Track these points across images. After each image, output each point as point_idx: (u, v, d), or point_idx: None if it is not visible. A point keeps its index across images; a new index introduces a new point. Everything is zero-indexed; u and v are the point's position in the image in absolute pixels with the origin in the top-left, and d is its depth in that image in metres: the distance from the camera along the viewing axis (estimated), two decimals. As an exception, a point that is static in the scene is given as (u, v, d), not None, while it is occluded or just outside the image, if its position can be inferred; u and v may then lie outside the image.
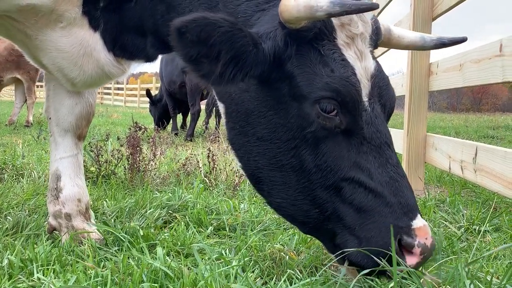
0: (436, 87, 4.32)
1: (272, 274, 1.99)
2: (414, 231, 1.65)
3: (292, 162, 1.75)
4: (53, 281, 1.75)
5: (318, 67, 1.70)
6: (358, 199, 1.69)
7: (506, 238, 2.67)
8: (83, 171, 2.55)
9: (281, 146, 1.76)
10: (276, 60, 1.72)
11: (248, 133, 1.82)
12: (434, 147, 4.27)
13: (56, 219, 2.44)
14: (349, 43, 1.75)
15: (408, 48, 2.13)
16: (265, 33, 1.71)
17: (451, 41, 2.08)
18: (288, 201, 1.79)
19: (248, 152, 1.84)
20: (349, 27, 1.75)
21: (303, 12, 1.60)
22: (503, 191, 2.86)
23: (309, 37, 1.71)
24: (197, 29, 1.54)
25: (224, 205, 3.16)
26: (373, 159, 1.72)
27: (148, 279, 1.73)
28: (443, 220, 3.01)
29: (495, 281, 1.79)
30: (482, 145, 3.28)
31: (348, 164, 1.71)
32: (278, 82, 1.76)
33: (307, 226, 1.83)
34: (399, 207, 1.67)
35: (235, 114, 1.87)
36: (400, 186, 1.71)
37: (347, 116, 1.70)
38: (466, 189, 4.34)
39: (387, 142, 1.75)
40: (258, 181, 1.86)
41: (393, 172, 1.72)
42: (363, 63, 1.75)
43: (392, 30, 2.03)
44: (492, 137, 12.27)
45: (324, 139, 1.71)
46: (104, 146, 4.46)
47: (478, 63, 3.23)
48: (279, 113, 1.75)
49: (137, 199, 3.13)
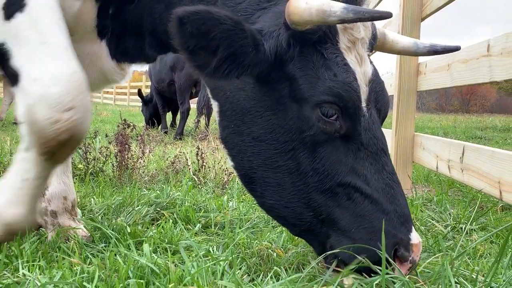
0: (424, 87, 4.34)
1: (259, 271, 1.99)
2: (412, 247, 1.65)
3: (288, 164, 1.73)
4: (38, 277, 1.74)
5: (320, 70, 1.68)
6: (354, 204, 1.68)
7: (491, 237, 2.69)
8: (71, 168, 2.54)
9: (277, 148, 1.74)
10: (277, 60, 1.70)
11: (243, 133, 1.80)
12: (422, 147, 4.30)
13: (42, 216, 2.42)
14: (350, 47, 1.75)
15: (401, 53, 2.14)
16: (268, 32, 1.69)
17: (443, 49, 2.09)
18: (282, 202, 1.78)
19: (242, 152, 1.82)
20: (351, 31, 1.74)
21: (315, 16, 1.58)
22: (489, 190, 2.88)
23: (313, 40, 1.70)
24: (199, 21, 1.52)
25: (212, 203, 3.16)
26: (370, 165, 1.72)
27: (134, 276, 1.72)
28: (430, 218, 3.03)
29: (480, 279, 1.81)
30: (469, 144, 3.30)
31: (346, 169, 1.70)
32: (277, 83, 1.73)
33: (299, 228, 1.82)
34: (395, 216, 1.68)
35: (229, 113, 1.84)
36: (396, 194, 1.72)
37: (347, 121, 1.70)
38: (453, 188, 4.37)
39: (383, 149, 1.76)
40: (251, 181, 1.84)
41: (389, 179, 1.73)
42: (362, 68, 1.75)
43: (387, 34, 2.03)
44: (480, 138, 12.38)
45: (323, 143, 1.70)
46: (92, 143, 4.44)
47: (466, 63, 3.26)
48: (277, 114, 1.73)
49: (125, 197, 3.12)
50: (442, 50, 2.09)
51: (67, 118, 1.73)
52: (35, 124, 1.74)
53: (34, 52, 1.76)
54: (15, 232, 1.90)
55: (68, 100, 1.72)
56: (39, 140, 1.77)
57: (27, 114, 1.76)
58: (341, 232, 1.70)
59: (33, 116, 1.74)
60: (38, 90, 1.73)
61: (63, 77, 1.73)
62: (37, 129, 1.74)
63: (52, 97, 1.72)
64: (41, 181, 1.87)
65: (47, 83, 1.72)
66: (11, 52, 1.80)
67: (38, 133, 1.75)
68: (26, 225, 1.90)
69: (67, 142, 1.78)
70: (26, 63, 1.77)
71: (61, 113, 1.72)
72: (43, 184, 1.90)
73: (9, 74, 1.84)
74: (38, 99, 1.73)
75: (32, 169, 1.84)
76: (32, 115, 1.74)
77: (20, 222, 1.88)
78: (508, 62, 2.66)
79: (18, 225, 1.88)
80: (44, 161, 1.83)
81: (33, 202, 1.89)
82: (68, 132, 1.75)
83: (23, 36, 1.78)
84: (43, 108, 1.72)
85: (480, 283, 1.75)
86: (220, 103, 1.88)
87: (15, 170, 1.87)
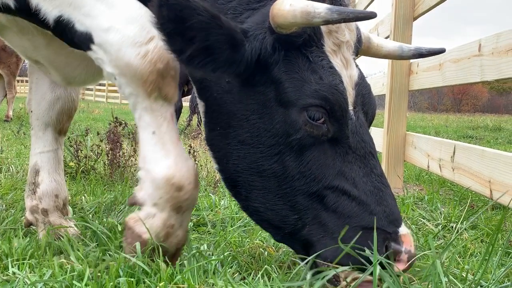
0: (416, 86, 4.36)
1: (250, 269, 1.99)
2: (401, 238, 1.64)
3: (274, 167, 1.71)
4: (28, 276, 1.73)
5: (306, 73, 1.67)
6: (342, 206, 1.67)
7: (482, 235, 2.70)
8: (63, 166, 2.52)
9: (264, 151, 1.72)
10: (261, 63, 1.69)
11: (229, 136, 1.78)
12: (414, 146, 4.32)
13: (32, 214, 2.41)
14: (335, 50, 1.73)
15: (386, 57, 2.11)
16: (254, 34, 1.68)
17: (428, 51, 2.07)
18: (267, 205, 1.75)
19: (228, 155, 1.79)
20: (336, 35, 1.73)
21: (299, 18, 1.57)
22: (480, 189, 2.90)
23: (298, 43, 1.68)
24: (176, 7, 1.52)
25: (204, 201, 3.16)
26: (358, 168, 1.70)
27: (124, 274, 1.71)
28: (421, 217, 3.05)
29: (470, 277, 1.82)
30: (460, 144, 3.32)
31: (333, 173, 1.68)
32: (263, 86, 1.72)
33: (282, 232, 1.79)
34: (384, 215, 1.66)
35: (216, 115, 1.82)
36: (384, 196, 1.70)
37: (334, 124, 1.68)
38: (444, 187, 4.39)
39: (371, 152, 1.74)
40: (236, 184, 1.81)
41: (378, 181, 1.71)
42: (348, 71, 1.74)
43: (372, 38, 2.02)
44: (471, 137, 12.45)
45: (310, 147, 1.69)
46: (84, 141, 4.43)
47: (458, 63, 3.27)
48: (264, 118, 1.72)
49: (116, 195, 3.11)
50: (427, 53, 2.08)
51: (154, 47, 1.72)
52: (130, 66, 1.72)
53: (93, 8, 1.76)
54: (184, 187, 1.77)
55: (145, 32, 1.73)
56: (141, 79, 1.73)
57: (117, 64, 1.74)
58: (329, 234, 1.67)
59: (124, 61, 1.72)
60: (116, 36, 1.73)
61: (131, 16, 1.74)
62: (133, 70, 1.72)
63: (132, 35, 1.72)
64: (166, 124, 1.79)
65: (121, 27, 1.73)
66: (72, 20, 1.79)
67: (136, 74, 1.73)
68: (192, 177, 1.79)
69: (166, 71, 1.75)
70: (91, 21, 1.76)
71: (146, 45, 1.72)
72: (170, 126, 1.80)
73: (79, 40, 1.82)
74: (120, 44, 1.72)
75: (152, 118, 1.79)
76: (123, 60, 1.72)
77: (184, 177, 1.77)
78: (499, 62, 2.68)
79: (185, 181, 1.77)
80: (156, 102, 1.78)
81: (179, 147, 1.80)
82: (161, 60, 1.74)
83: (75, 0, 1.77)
84: (129, 48, 1.72)
85: (470, 281, 1.76)
86: (207, 104, 1.86)
87: (141, 132, 1.82)
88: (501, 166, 2.65)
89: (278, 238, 1.88)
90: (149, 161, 1.78)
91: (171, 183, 1.74)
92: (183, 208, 1.79)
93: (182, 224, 1.82)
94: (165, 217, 1.76)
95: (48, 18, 1.82)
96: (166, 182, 1.74)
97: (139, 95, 1.77)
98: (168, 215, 1.76)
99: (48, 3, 1.80)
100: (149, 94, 1.76)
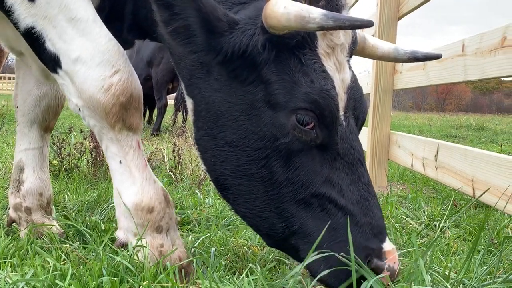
0: (400, 85, 4.39)
1: (234, 268, 1.99)
2: (384, 254, 1.60)
3: (261, 172, 1.67)
4: (10, 275, 1.71)
5: (297, 76, 1.62)
6: (327, 216, 1.63)
7: (465, 234, 2.73)
8: (48, 164, 2.49)
9: (251, 155, 1.67)
10: (249, 61, 1.65)
11: (217, 136, 1.73)
12: (398, 145, 4.34)
13: (16, 211, 2.38)
14: (329, 53, 1.68)
15: (381, 59, 2.08)
16: (244, 28, 1.64)
17: (424, 56, 2.04)
18: (254, 212, 1.72)
19: (215, 157, 1.75)
20: (330, 37, 1.68)
21: (293, 22, 1.52)
22: (462, 188, 2.92)
23: (291, 44, 1.64)
24: None
25: (188, 200, 3.14)
26: (345, 176, 1.66)
27: (108, 273, 1.70)
28: (404, 216, 3.06)
29: (453, 275, 1.83)
30: (444, 143, 3.35)
31: (320, 180, 1.64)
32: (252, 86, 1.67)
33: (272, 239, 1.76)
34: (369, 228, 1.62)
35: (204, 114, 1.77)
36: (370, 206, 1.66)
37: (324, 130, 1.64)
38: (428, 186, 4.43)
39: (360, 159, 1.70)
40: (223, 188, 1.78)
41: (364, 190, 1.67)
42: (341, 75, 1.69)
43: (367, 39, 1.99)
44: (455, 136, 12.57)
45: (298, 152, 1.64)
46: (67, 139, 4.39)
47: (441, 62, 3.29)
48: (251, 119, 1.67)
49: (100, 193, 3.08)
50: (423, 58, 2.05)
51: (117, 80, 1.76)
52: (93, 99, 1.75)
53: (64, 31, 1.77)
54: (156, 210, 1.83)
55: (111, 66, 1.76)
56: (104, 112, 1.77)
57: (82, 96, 1.77)
58: (312, 244, 1.62)
59: (88, 94, 1.75)
60: (82, 69, 1.76)
61: (99, 49, 1.76)
62: (97, 103, 1.75)
63: (97, 69, 1.75)
64: (132, 152, 1.84)
65: (88, 60, 1.75)
66: (43, 36, 1.79)
67: (99, 107, 1.76)
68: (162, 197, 1.86)
69: (129, 103, 1.80)
70: (62, 45, 1.77)
71: (110, 79, 1.75)
72: (137, 153, 1.85)
73: (47, 59, 1.83)
74: (86, 77, 1.75)
75: (118, 148, 1.83)
76: (87, 93, 1.76)
77: (152, 198, 1.82)
78: (482, 62, 2.70)
79: (154, 202, 1.83)
80: (121, 133, 1.82)
81: (145, 172, 1.85)
82: (124, 93, 1.78)
83: (50, 15, 1.75)
84: (93, 82, 1.75)
85: (453, 279, 1.77)
86: (195, 101, 1.81)
87: (109, 163, 1.86)
88: (484, 165, 2.68)
89: (270, 244, 1.85)
90: (116, 195, 1.85)
91: (141, 207, 1.81)
92: (162, 227, 1.84)
93: (174, 241, 1.86)
94: (150, 240, 1.81)
95: (19, 25, 1.80)
96: (136, 208, 1.81)
97: (104, 127, 1.81)
98: (152, 237, 1.82)
99: (24, 8, 1.78)
100: (112, 126, 1.80)
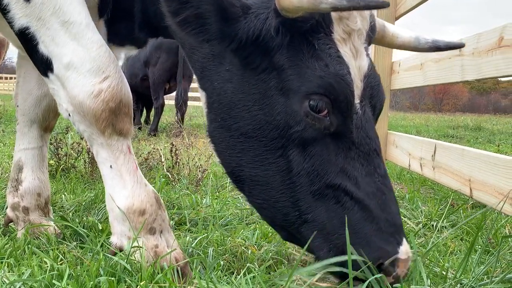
0: (398, 85, 4.39)
1: (232, 268, 1.98)
2: (398, 262, 1.52)
3: (278, 162, 1.62)
4: (7, 275, 1.71)
5: (311, 61, 1.57)
6: (342, 209, 1.57)
7: (462, 234, 2.73)
8: (47, 164, 2.48)
9: (267, 145, 1.63)
10: (262, 46, 1.60)
11: (231, 128, 1.69)
12: (395, 145, 4.34)
13: (13, 211, 2.37)
14: (345, 38, 1.63)
15: (401, 48, 2.01)
16: (257, 12, 1.60)
17: (446, 45, 1.98)
18: (270, 202, 1.67)
19: (230, 148, 1.71)
20: (347, 22, 1.62)
21: (306, 2, 1.45)
22: (460, 188, 2.92)
23: (305, 28, 1.58)
24: None
25: (186, 200, 3.14)
26: (361, 166, 1.60)
27: (105, 273, 1.69)
28: (402, 216, 3.06)
29: (451, 275, 1.83)
30: (441, 143, 3.35)
31: (335, 170, 1.59)
32: (264, 73, 1.63)
33: (286, 231, 1.72)
34: (385, 225, 1.56)
35: (216, 105, 1.73)
36: (387, 200, 1.59)
37: (338, 117, 1.59)
38: (425, 186, 4.43)
39: (376, 150, 1.64)
40: (239, 180, 1.74)
41: (381, 183, 1.61)
42: (357, 62, 1.64)
43: (387, 27, 1.92)
44: (452, 136, 12.58)
45: (312, 141, 1.60)
46: (64, 139, 4.38)
47: (439, 63, 3.30)
48: (265, 109, 1.62)
49: (97, 193, 3.08)
50: (444, 47, 1.98)
51: (107, 86, 1.77)
52: (83, 105, 1.76)
53: (57, 34, 1.76)
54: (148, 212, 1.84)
55: (101, 72, 1.77)
56: (94, 117, 1.77)
57: (72, 101, 1.78)
58: (324, 237, 1.59)
59: (78, 99, 1.76)
60: (73, 74, 1.76)
61: (90, 55, 1.76)
62: (86, 108, 1.76)
63: (88, 75, 1.76)
64: (123, 156, 1.85)
65: (79, 65, 1.76)
66: (36, 38, 1.78)
67: (89, 112, 1.77)
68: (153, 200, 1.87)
69: (118, 109, 1.80)
70: (54, 49, 1.77)
71: (100, 84, 1.76)
72: (127, 157, 1.87)
73: (38, 62, 1.83)
74: (76, 82, 1.76)
75: (108, 153, 1.84)
76: (77, 99, 1.76)
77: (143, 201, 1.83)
78: (479, 62, 2.71)
79: (145, 205, 1.84)
80: (111, 138, 1.83)
81: (136, 175, 1.87)
82: (114, 99, 1.78)
83: (44, 16, 1.75)
84: (83, 87, 1.75)
85: (450, 279, 1.77)
86: (208, 93, 1.77)
87: (100, 168, 1.87)
88: (481, 165, 2.68)
89: (284, 237, 1.81)
90: (109, 200, 1.85)
91: (132, 210, 1.81)
92: (155, 229, 1.85)
93: (169, 241, 1.87)
94: (144, 241, 1.81)
95: (14, 25, 1.80)
96: (128, 211, 1.82)
97: (94, 132, 1.82)
98: (145, 239, 1.82)
99: (19, 8, 1.77)
100: (102, 131, 1.81)
